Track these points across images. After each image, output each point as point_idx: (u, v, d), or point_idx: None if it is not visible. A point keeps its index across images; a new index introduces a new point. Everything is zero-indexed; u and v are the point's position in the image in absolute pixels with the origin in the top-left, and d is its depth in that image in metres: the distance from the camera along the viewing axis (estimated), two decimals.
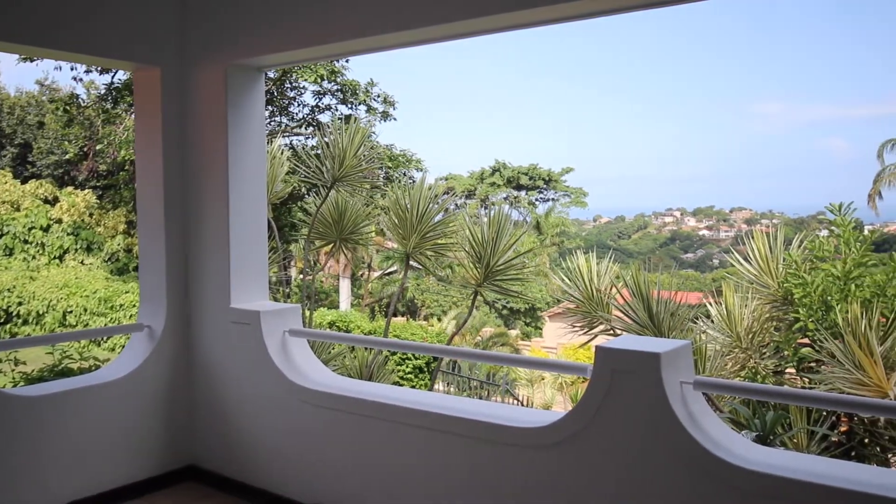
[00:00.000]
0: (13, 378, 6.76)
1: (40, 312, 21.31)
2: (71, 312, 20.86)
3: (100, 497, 4.43)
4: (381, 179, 20.93)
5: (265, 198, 4.94)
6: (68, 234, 24.25)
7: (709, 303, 6.95)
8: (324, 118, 21.32)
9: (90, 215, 24.65)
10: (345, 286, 26.48)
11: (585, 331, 6.92)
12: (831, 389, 5.43)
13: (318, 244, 8.29)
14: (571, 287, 7.04)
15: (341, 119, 19.41)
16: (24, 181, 26.28)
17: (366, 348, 7.87)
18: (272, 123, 21.23)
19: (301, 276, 9.99)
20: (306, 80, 20.06)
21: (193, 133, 4.81)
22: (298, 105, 21.62)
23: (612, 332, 6.62)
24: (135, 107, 4.96)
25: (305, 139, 21.91)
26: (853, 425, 6.01)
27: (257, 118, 4.83)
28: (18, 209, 24.57)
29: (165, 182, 4.78)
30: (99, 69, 19.58)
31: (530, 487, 3.47)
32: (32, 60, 19.66)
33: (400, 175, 22.32)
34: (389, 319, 9.19)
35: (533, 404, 18.91)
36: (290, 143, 21.18)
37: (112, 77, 20.02)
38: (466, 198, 45.21)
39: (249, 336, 4.54)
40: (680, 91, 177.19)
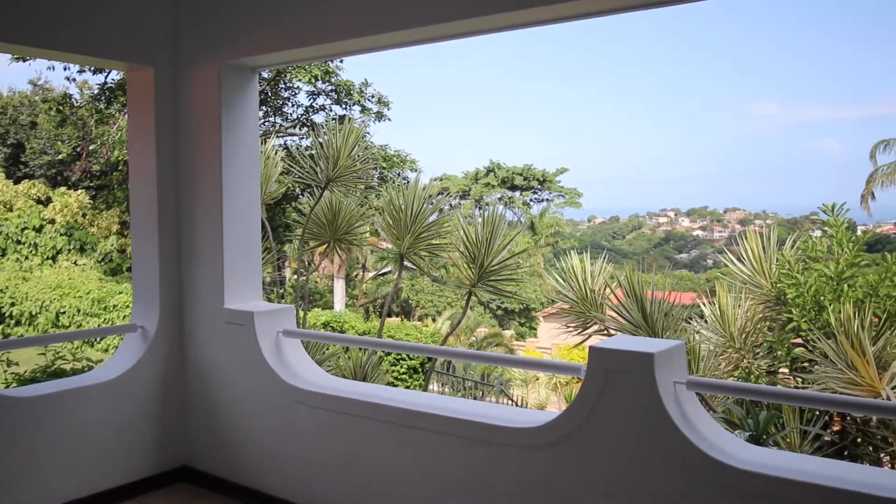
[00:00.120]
0: (5, 379, 6.74)
1: (33, 313, 21.23)
2: (64, 313, 20.78)
3: (93, 498, 4.41)
4: (376, 180, 20.91)
5: (259, 198, 4.93)
6: (61, 235, 24.16)
7: (702, 303, 6.97)
8: (318, 118, 21.31)
9: (83, 216, 24.56)
10: (339, 287, 26.46)
11: (579, 331, 6.92)
12: (824, 389, 5.44)
13: (313, 244, 8.28)
14: (565, 287, 7.04)
15: (335, 119, 19.40)
16: (17, 181, 26.15)
17: (360, 349, 7.87)
18: (266, 124, 21.20)
19: (295, 277, 9.96)
20: (300, 81, 20.04)
21: (187, 133, 4.80)
22: (293, 105, 21.61)
23: (606, 333, 6.63)
24: (128, 107, 4.95)
25: (300, 139, 21.89)
26: (846, 425, 6.03)
27: (251, 118, 4.82)
28: (11, 209, 24.46)
29: (159, 182, 4.77)
30: (92, 69, 19.52)
31: (525, 488, 3.47)
32: (25, 60, 19.59)
33: (394, 175, 22.31)
34: (384, 320, 9.18)
35: (527, 405, 18.92)
36: (285, 144, 21.15)
37: (105, 77, 19.96)
38: (461, 198, 45.25)
39: (243, 337, 4.53)
40: (674, 92, 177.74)
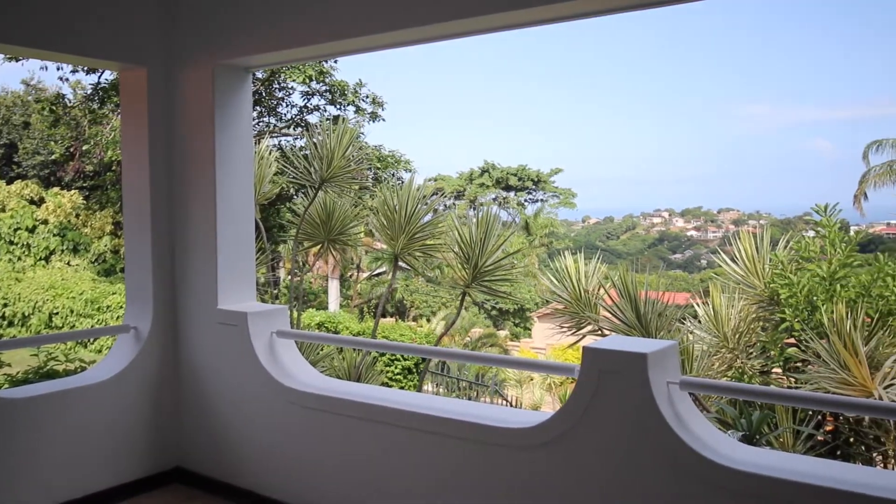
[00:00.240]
0: None
1: (26, 314, 21.15)
2: (57, 314, 20.71)
3: (86, 499, 4.39)
4: (370, 180, 20.90)
5: (252, 198, 4.92)
6: (54, 235, 24.08)
7: (696, 303, 6.99)
8: (312, 119, 21.28)
9: (76, 216, 24.48)
10: (334, 287, 26.43)
11: (573, 331, 6.94)
12: (817, 389, 5.47)
13: (307, 245, 8.27)
14: (560, 288, 7.06)
15: (330, 120, 19.37)
16: (10, 182, 26.06)
17: (354, 349, 7.86)
18: (260, 124, 21.16)
19: (290, 278, 9.95)
20: (294, 81, 20.00)
21: (180, 134, 4.79)
22: (287, 106, 21.57)
23: (600, 333, 6.64)
24: (121, 107, 4.94)
25: (294, 140, 21.86)
26: (838, 424, 6.05)
27: (245, 119, 4.81)
28: (4, 210, 24.37)
29: (152, 183, 4.75)
30: (85, 69, 19.45)
31: (519, 488, 3.47)
32: (18, 60, 19.48)
33: (389, 176, 22.30)
34: (378, 320, 9.18)
35: (522, 405, 18.93)
36: (279, 144, 21.12)
37: (99, 77, 19.88)
38: (455, 199, 45.24)
39: (237, 337, 4.52)
40: (668, 92, 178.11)
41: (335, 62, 20.19)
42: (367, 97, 21.31)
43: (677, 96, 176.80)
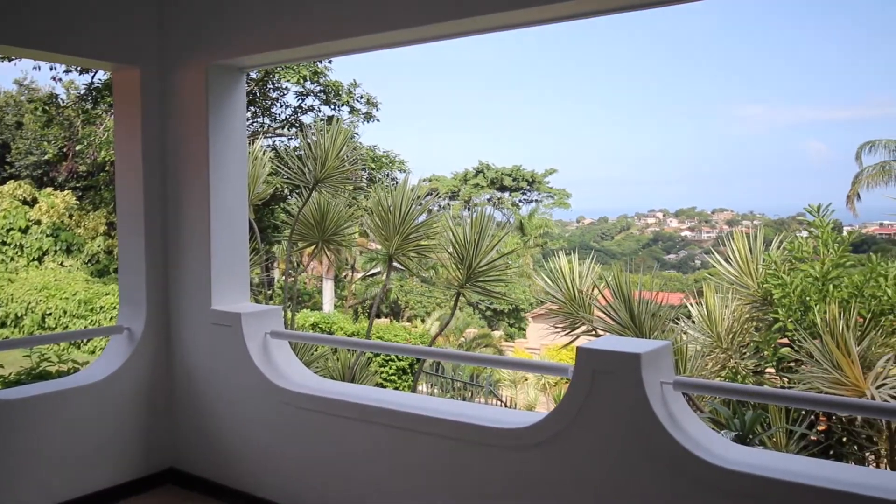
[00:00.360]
0: None
1: (18, 315, 21.06)
2: (50, 315, 20.62)
3: (80, 500, 4.38)
4: (365, 181, 20.88)
5: (246, 199, 4.91)
6: (47, 236, 23.99)
7: (690, 303, 7.01)
8: (307, 119, 21.25)
9: (70, 216, 24.39)
10: (328, 288, 26.41)
11: (568, 332, 6.95)
12: (810, 389, 5.49)
13: (301, 245, 8.26)
14: (554, 288, 7.06)
15: (324, 120, 19.35)
16: (3, 182, 25.95)
17: (348, 350, 7.86)
18: (255, 124, 21.12)
19: (284, 278, 9.94)
20: (289, 81, 19.98)
21: (174, 134, 4.78)
22: (281, 106, 21.54)
23: (594, 333, 6.65)
24: (114, 107, 4.92)
25: (288, 140, 21.83)
26: (831, 424, 6.08)
27: (238, 119, 4.80)
28: None
29: (145, 183, 4.74)
30: (78, 69, 19.38)
31: (513, 488, 3.47)
32: (10, 60, 19.42)
33: (383, 176, 22.29)
34: (372, 321, 9.17)
35: (516, 405, 18.95)
36: (273, 144, 21.08)
37: (92, 77, 19.82)
38: (450, 199, 45.26)
39: (230, 338, 4.51)
40: (662, 94, 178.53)
41: (330, 62, 20.18)
42: (362, 97, 21.31)
43: (672, 97, 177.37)
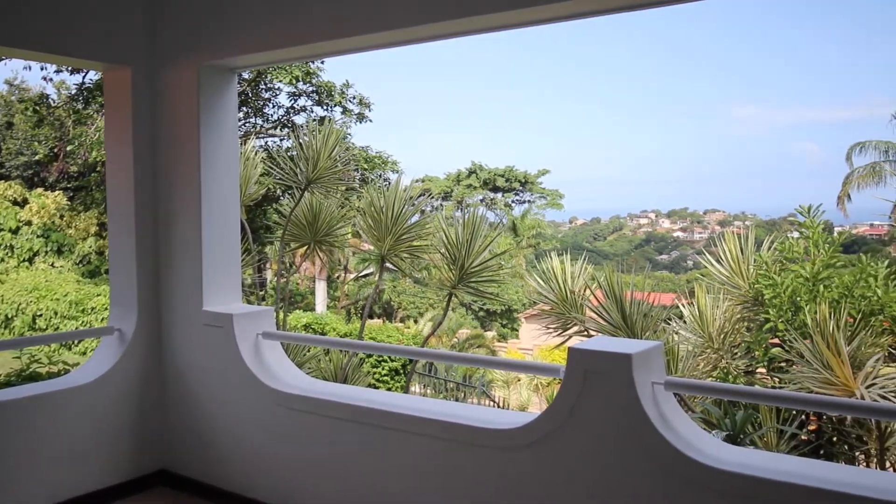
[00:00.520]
0: None
1: (9, 316, 20.92)
2: (41, 316, 20.50)
3: (70, 503, 4.35)
4: (357, 181, 20.85)
5: (238, 199, 4.90)
6: (38, 237, 23.84)
7: (682, 304, 7.03)
8: (299, 120, 21.21)
9: (61, 217, 24.25)
10: (321, 288, 26.36)
11: (560, 332, 6.96)
12: (800, 389, 5.51)
13: (294, 246, 8.25)
14: (546, 289, 7.07)
15: (316, 121, 19.33)
16: None
17: (341, 351, 7.85)
18: (247, 125, 21.07)
19: (276, 279, 9.92)
20: (281, 82, 19.93)
21: (165, 134, 4.76)
22: (273, 106, 21.49)
23: (586, 334, 6.66)
24: (105, 107, 4.90)
25: (280, 141, 21.78)
26: (822, 424, 6.10)
27: (230, 119, 4.79)
28: None
29: (136, 183, 4.72)
30: (69, 69, 19.29)
31: (505, 488, 3.48)
32: (1, 60, 19.32)
33: (376, 177, 22.26)
34: (364, 321, 9.17)
35: (509, 406, 18.96)
36: (266, 145, 21.03)
37: (83, 77, 19.72)
38: (443, 200, 45.25)
39: (222, 339, 4.50)
40: (655, 94, 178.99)
41: (322, 63, 20.15)
42: (354, 98, 21.28)
43: (665, 98, 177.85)
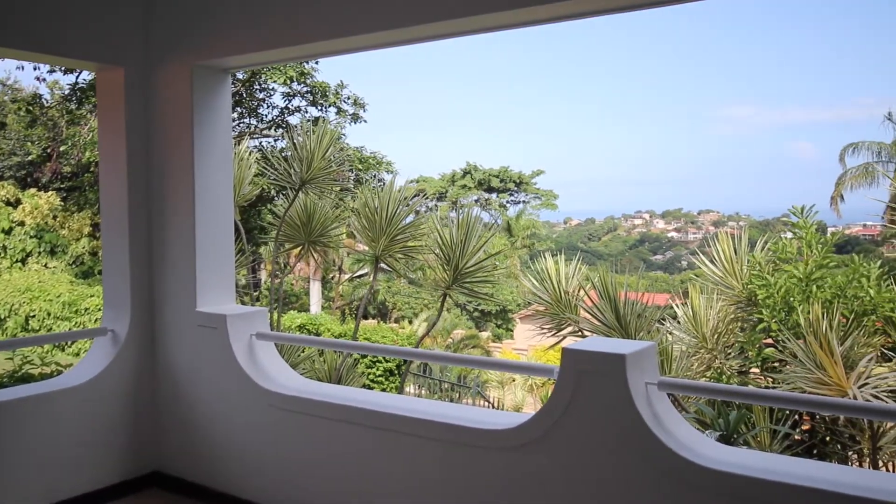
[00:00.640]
0: None
1: (1, 317, 20.82)
2: (34, 317, 20.40)
3: None
4: (352, 182, 20.84)
5: (232, 200, 4.89)
6: (31, 237, 23.74)
7: (676, 304, 7.04)
8: (293, 120, 21.18)
9: (54, 218, 24.15)
10: (315, 289, 26.33)
11: (554, 333, 6.96)
12: (793, 389, 5.52)
13: (288, 247, 8.23)
14: (540, 289, 7.08)
15: (310, 121, 19.30)
16: None
17: (335, 351, 7.83)
18: (241, 125, 21.03)
19: (271, 280, 9.90)
20: (275, 82, 19.90)
21: (158, 134, 4.75)
22: (267, 107, 21.45)
23: (581, 334, 6.66)
24: (98, 108, 4.89)
25: (274, 141, 21.75)
26: (814, 424, 6.12)
27: (224, 120, 4.78)
28: None
29: (129, 184, 4.71)
30: (63, 69, 19.22)
31: (500, 488, 3.48)
32: None
33: (370, 178, 22.24)
34: (359, 322, 9.14)
35: (504, 406, 18.98)
36: (260, 145, 21.00)
37: (76, 77, 19.65)
38: (437, 200, 45.25)
39: (216, 340, 4.49)
40: (650, 95, 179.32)
41: (316, 63, 20.13)
42: (349, 98, 21.26)
43: (659, 98, 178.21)
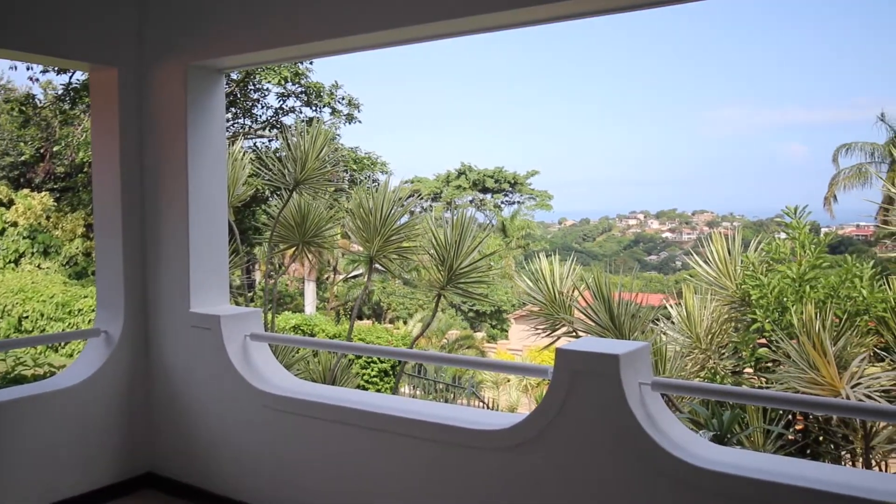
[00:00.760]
0: None
1: None
2: (27, 318, 20.33)
3: None
4: (346, 182, 20.82)
5: (226, 200, 4.88)
6: (24, 238, 23.63)
7: (670, 304, 7.06)
8: (288, 120, 21.16)
9: (47, 218, 24.06)
10: (310, 289, 26.30)
11: (548, 333, 6.97)
12: (787, 389, 5.54)
13: (282, 247, 8.22)
14: (535, 290, 7.08)
15: (304, 121, 19.28)
16: None
17: (330, 352, 7.83)
18: (235, 125, 21.00)
19: (265, 280, 9.88)
20: (270, 82, 19.88)
21: (152, 135, 4.74)
22: (262, 107, 21.43)
23: (575, 334, 6.68)
24: (91, 108, 4.87)
25: (269, 142, 21.72)
26: (808, 423, 6.14)
27: (218, 120, 4.77)
28: None
29: (123, 184, 4.70)
30: (56, 69, 19.15)
31: (494, 489, 3.48)
32: None
33: (365, 178, 22.24)
34: (353, 322, 9.15)
35: (498, 406, 18.98)
36: (254, 146, 20.96)
37: (70, 77, 19.59)
38: (432, 200, 45.24)
39: (210, 341, 4.48)
40: (644, 96, 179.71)
41: (311, 64, 20.11)
42: (344, 99, 21.25)
43: (653, 99, 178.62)
